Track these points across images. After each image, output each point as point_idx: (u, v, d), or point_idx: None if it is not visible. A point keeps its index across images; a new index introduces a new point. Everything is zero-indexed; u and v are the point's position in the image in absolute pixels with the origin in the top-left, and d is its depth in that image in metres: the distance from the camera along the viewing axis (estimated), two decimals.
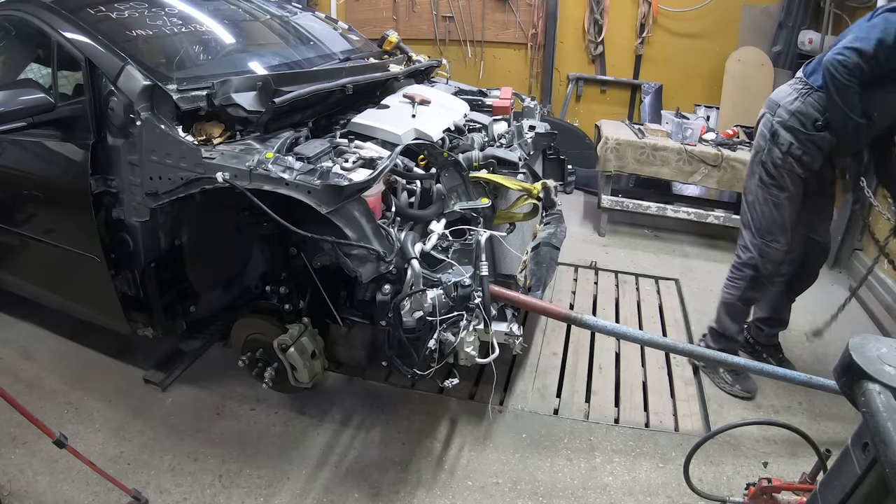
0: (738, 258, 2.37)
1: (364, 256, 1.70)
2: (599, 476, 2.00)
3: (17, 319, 2.73)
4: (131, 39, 2.03)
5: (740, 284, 2.35)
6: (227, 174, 1.70)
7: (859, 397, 0.76)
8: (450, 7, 5.06)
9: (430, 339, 1.69)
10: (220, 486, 1.91)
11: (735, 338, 2.42)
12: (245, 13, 2.78)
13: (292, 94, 1.87)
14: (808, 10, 4.21)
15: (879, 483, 0.73)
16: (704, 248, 3.87)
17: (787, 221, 2.22)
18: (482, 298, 1.72)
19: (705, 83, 4.80)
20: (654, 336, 2.15)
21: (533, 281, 2.25)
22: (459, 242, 1.81)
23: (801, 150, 2.10)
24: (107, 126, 1.89)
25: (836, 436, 2.18)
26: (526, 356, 2.57)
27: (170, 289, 2.14)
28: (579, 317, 1.95)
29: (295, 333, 2.00)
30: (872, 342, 0.81)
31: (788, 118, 2.10)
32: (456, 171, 1.90)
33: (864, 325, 3.05)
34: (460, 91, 2.90)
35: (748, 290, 2.34)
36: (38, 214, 2.23)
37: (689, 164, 3.74)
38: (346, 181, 1.66)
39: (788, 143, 2.11)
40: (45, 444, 1.84)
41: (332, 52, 2.74)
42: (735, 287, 2.38)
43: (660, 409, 2.33)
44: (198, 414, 2.22)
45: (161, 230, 2.01)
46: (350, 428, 2.17)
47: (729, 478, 1.99)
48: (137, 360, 2.47)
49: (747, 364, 1.98)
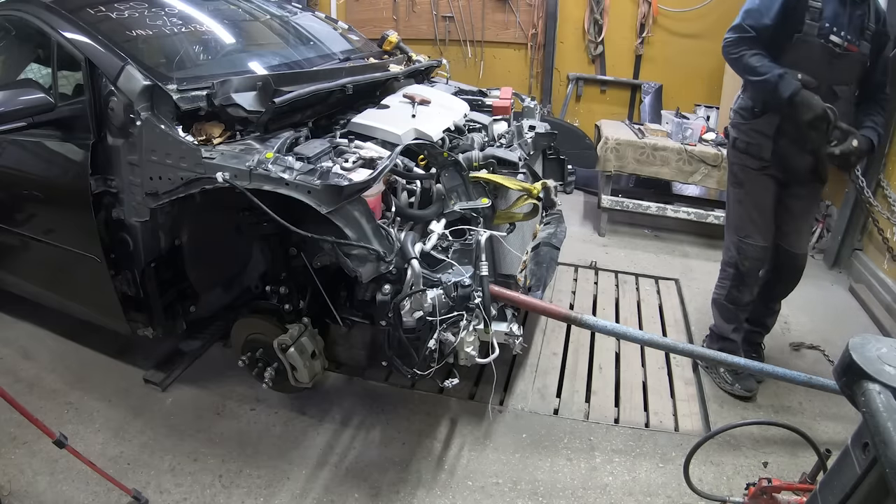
0: (723, 258, 2.41)
1: (364, 256, 1.70)
2: (599, 476, 2.00)
3: (17, 319, 2.73)
4: (131, 39, 2.03)
5: (725, 284, 2.38)
6: (227, 174, 1.70)
7: (859, 397, 0.76)
8: (450, 7, 5.06)
9: (430, 339, 1.68)
10: (220, 486, 1.91)
11: (730, 337, 2.42)
12: (245, 13, 2.78)
13: (292, 94, 1.87)
14: None
15: (879, 483, 0.73)
16: (704, 248, 3.87)
17: (759, 218, 2.23)
18: (482, 298, 1.72)
19: (705, 83, 4.80)
20: (654, 336, 2.15)
21: (533, 281, 2.25)
22: (459, 242, 1.81)
23: (747, 139, 2.21)
24: (107, 126, 1.89)
25: (836, 436, 2.18)
26: (526, 356, 2.57)
27: (170, 289, 2.14)
28: (579, 317, 1.95)
29: (295, 333, 2.00)
30: (872, 342, 0.81)
31: (734, 116, 2.28)
32: (456, 171, 1.90)
33: (865, 325, 3.05)
34: (460, 91, 2.90)
35: (733, 289, 2.35)
36: (38, 214, 2.23)
37: (689, 164, 3.74)
38: (346, 181, 1.66)
39: (734, 139, 2.26)
40: (45, 444, 1.84)
41: (332, 52, 2.74)
42: (721, 286, 2.41)
43: (660, 409, 2.33)
44: (198, 414, 2.22)
45: (161, 230, 2.01)
46: (350, 428, 2.17)
47: (729, 478, 1.99)
48: (137, 360, 2.47)
49: (747, 364, 1.98)
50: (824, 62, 2.00)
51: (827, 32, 1.96)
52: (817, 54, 1.99)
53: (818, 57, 1.99)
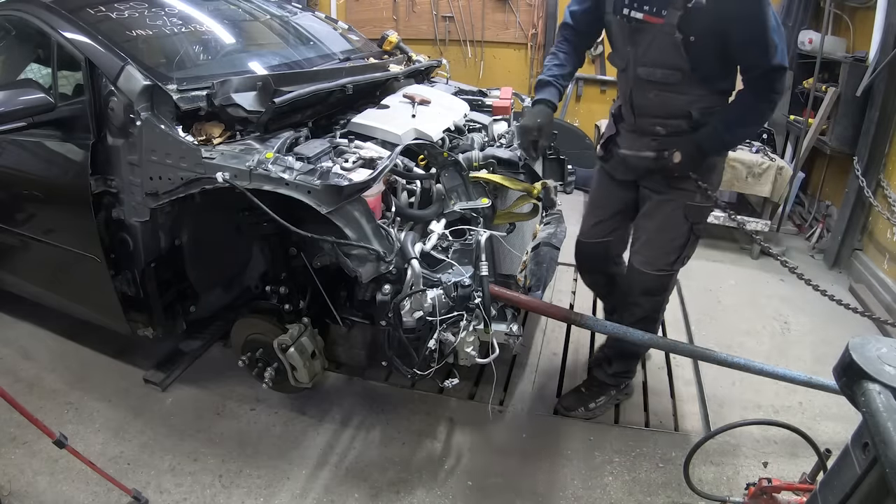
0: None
1: (364, 256, 1.70)
2: (599, 476, 2.00)
3: (17, 319, 2.73)
4: (131, 39, 2.03)
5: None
6: (227, 174, 1.70)
7: (859, 397, 0.76)
8: (450, 7, 5.06)
9: (430, 339, 1.69)
10: (220, 486, 1.91)
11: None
12: (245, 13, 2.78)
13: (292, 94, 1.87)
14: (807, 10, 4.22)
15: (879, 483, 0.73)
16: (704, 248, 3.87)
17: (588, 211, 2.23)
18: (482, 298, 1.72)
19: None
20: (654, 336, 2.15)
21: (533, 281, 2.25)
22: (459, 242, 1.81)
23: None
24: (107, 126, 1.89)
25: (836, 436, 2.18)
26: (526, 356, 2.57)
27: (170, 289, 2.14)
28: (579, 317, 1.95)
29: (295, 333, 2.00)
30: (872, 342, 0.81)
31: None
32: (456, 171, 1.90)
33: (865, 325, 3.05)
34: (460, 91, 2.90)
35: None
36: (38, 214, 2.23)
37: None
38: (346, 181, 1.66)
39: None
40: (45, 444, 1.84)
41: (332, 52, 2.74)
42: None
43: (660, 409, 2.33)
44: (198, 414, 2.22)
45: (161, 230, 2.01)
46: (350, 428, 2.17)
47: (729, 478, 1.99)
48: (137, 360, 2.47)
49: (747, 364, 1.97)
50: (624, 40, 1.75)
51: (621, 6, 1.69)
52: (616, 32, 1.77)
53: (618, 34, 1.77)
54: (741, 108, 1.71)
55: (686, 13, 1.57)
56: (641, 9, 1.64)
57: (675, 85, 1.71)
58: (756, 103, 1.69)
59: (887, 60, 3.15)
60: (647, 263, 1.96)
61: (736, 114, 1.71)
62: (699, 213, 1.89)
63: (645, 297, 2.02)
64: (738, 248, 3.91)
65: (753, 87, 1.67)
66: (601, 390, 2.26)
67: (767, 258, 3.74)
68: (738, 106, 1.72)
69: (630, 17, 1.67)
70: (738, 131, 1.75)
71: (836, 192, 3.82)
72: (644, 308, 2.04)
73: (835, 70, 3.79)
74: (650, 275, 1.96)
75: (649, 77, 1.74)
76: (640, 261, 1.98)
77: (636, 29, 1.69)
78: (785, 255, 3.73)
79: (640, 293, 2.03)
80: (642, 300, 2.03)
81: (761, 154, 3.65)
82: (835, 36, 3.85)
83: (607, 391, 2.26)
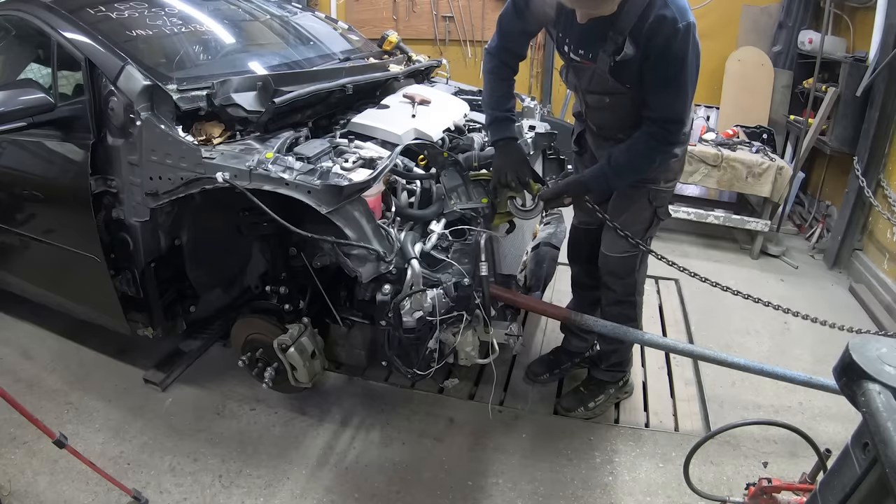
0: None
1: (364, 256, 1.70)
2: (599, 476, 2.00)
3: (17, 319, 2.73)
4: (131, 39, 2.03)
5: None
6: (227, 174, 1.70)
7: (859, 397, 0.76)
8: (450, 7, 5.06)
9: (430, 339, 1.69)
10: (220, 486, 1.91)
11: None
12: (245, 13, 2.78)
13: (292, 94, 1.87)
14: (808, 10, 4.22)
15: (879, 483, 0.73)
16: (704, 248, 3.87)
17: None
18: (482, 298, 1.72)
19: (705, 83, 4.79)
20: (654, 336, 2.15)
21: (533, 281, 2.25)
22: (459, 242, 1.81)
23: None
24: (107, 126, 1.89)
25: (836, 436, 2.18)
26: (526, 356, 2.57)
27: (170, 289, 2.14)
28: (579, 317, 1.95)
29: (295, 333, 2.00)
30: (872, 342, 0.81)
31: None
32: (456, 171, 1.90)
33: (865, 325, 3.05)
34: (460, 91, 2.90)
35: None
36: (38, 214, 2.23)
37: (689, 164, 3.73)
38: (346, 181, 1.66)
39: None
40: (45, 444, 1.84)
41: (332, 52, 2.74)
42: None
43: (660, 409, 2.33)
44: (198, 414, 2.22)
45: (161, 230, 2.01)
46: (350, 428, 2.17)
47: (729, 478, 1.99)
48: (137, 360, 2.47)
49: (747, 364, 1.97)
50: (570, 70, 1.83)
51: (562, 44, 1.76)
52: (566, 60, 1.82)
53: (567, 63, 1.82)
54: (633, 155, 1.74)
55: (615, 64, 1.63)
56: (577, 52, 1.71)
57: (624, 105, 1.76)
58: (649, 151, 1.72)
59: (887, 60, 3.15)
60: (612, 247, 2.02)
61: (627, 158, 1.74)
62: (662, 198, 1.96)
63: (613, 278, 2.08)
64: (738, 248, 3.91)
65: (652, 132, 1.69)
66: (600, 389, 2.26)
67: (767, 258, 3.74)
68: (631, 152, 1.74)
69: (570, 56, 1.75)
70: (626, 176, 1.79)
71: (836, 192, 3.82)
72: (616, 291, 2.09)
73: (835, 70, 3.80)
74: (614, 258, 2.02)
75: (598, 104, 1.83)
76: (607, 245, 2.05)
77: (577, 66, 1.77)
78: (785, 255, 3.74)
79: (608, 275, 2.09)
80: (612, 282, 2.09)
81: (761, 154, 3.64)
82: (835, 36, 3.86)
83: (606, 389, 2.26)
